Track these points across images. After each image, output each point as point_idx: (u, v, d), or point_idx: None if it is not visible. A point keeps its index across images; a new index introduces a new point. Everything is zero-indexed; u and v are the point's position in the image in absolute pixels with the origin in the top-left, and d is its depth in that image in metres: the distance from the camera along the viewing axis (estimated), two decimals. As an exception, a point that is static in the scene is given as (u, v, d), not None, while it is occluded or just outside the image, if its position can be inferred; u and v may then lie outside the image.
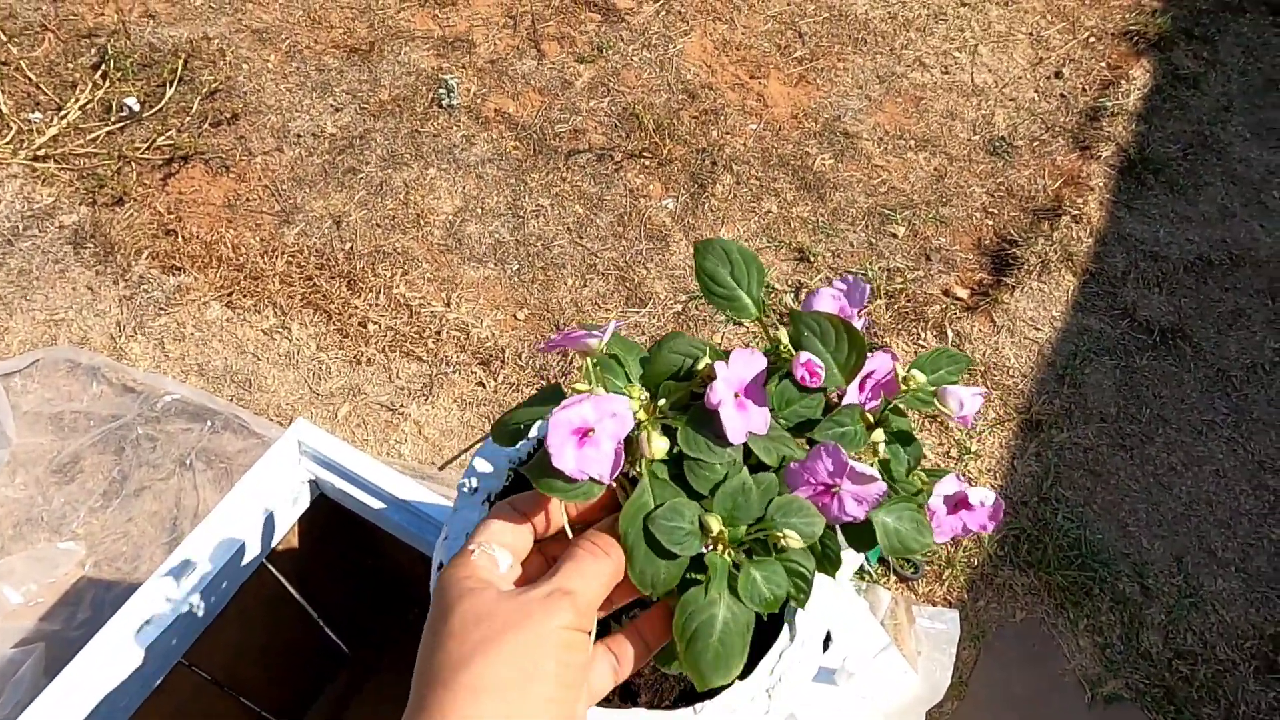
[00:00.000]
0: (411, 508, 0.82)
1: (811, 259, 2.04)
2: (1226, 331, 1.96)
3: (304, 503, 0.87)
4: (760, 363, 0.44)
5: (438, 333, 1.88)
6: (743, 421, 0.43)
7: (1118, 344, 1.93)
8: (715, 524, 0.42)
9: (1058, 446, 1.77)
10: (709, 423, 0.43)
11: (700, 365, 0.45)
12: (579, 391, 0.41)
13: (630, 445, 0.42)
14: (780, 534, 0.42)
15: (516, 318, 1.93)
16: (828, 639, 1.22)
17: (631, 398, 0.43)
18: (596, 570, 0.41)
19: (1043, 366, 1.89)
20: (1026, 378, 1.87)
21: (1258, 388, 1.88)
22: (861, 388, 0.49)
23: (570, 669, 0.38)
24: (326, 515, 0.91)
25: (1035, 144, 2.29)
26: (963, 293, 2.02)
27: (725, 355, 0.44)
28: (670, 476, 0.43)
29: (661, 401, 0.44)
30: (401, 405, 1.78)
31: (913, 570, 1.59)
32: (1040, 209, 2.16)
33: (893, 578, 1.60)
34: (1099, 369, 1.89)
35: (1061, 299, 1.99)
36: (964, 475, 0.49)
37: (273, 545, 0.86)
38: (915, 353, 1.88)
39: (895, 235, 2.10)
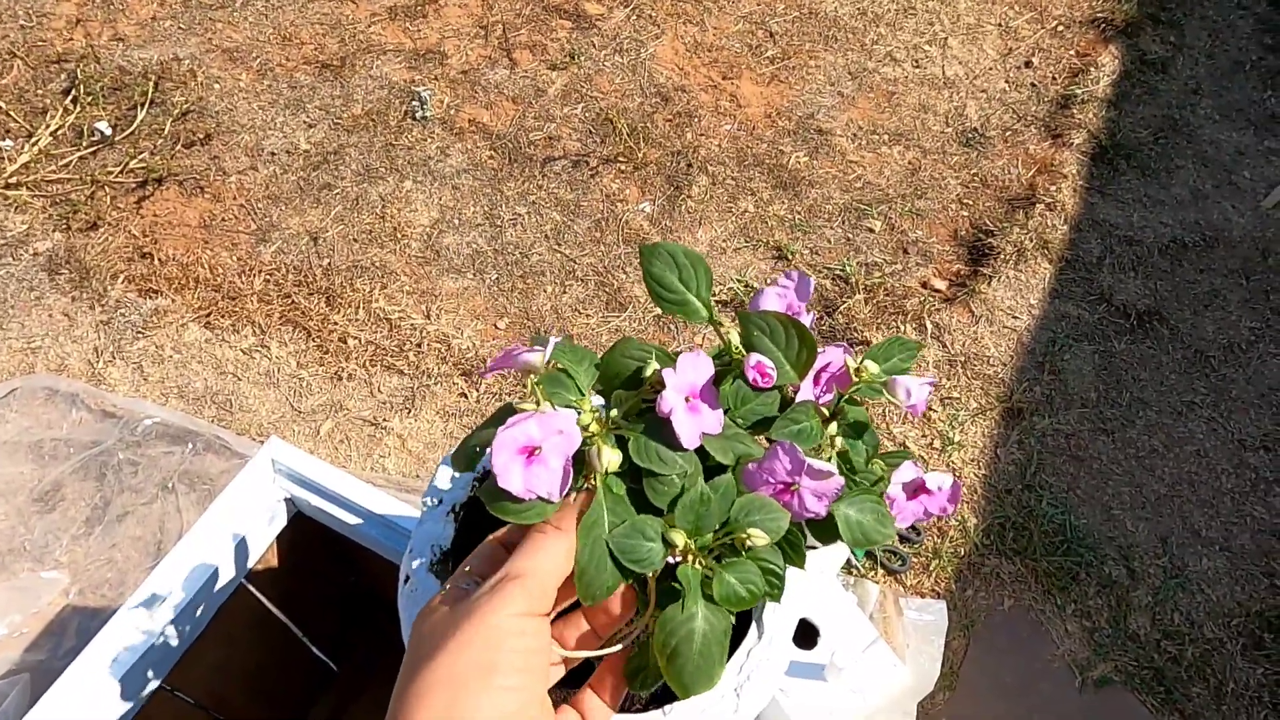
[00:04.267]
0: (388, 521, 0.82)
1: (789, 257, 2.05)
2: (1203, 312, 1.98)
3: (281, 521, 0.87)
4: (707, 364, 0.44)
5: (418, 345, 1.88)
6: (695, 425, 0.43)
7: (1096, 329, 1.94)
8: (680, 538, 0.42)
9: (1040, 433, 1.78)
10: (662, 430, 0.43)
11: (648, 371, 0.44)
12: (524, 409, 0.41)
13: (581, 460, 0.42)
14: (746, 535, 0.42)
15: (497, 327, 1.92)
16: (816, 634, 1.22)
17: (582, 411, 0.43)
18: (550, 550, 0.40)
19: (1022, 354, 1.90)
20: (1006, 366, 1.88)
21: (1235, 367, 1.89)
22: (816, 382, 0.49)
23: (526, 654, 0.37)
24: (305, 533, 0.90)
25: (1008, 134, 2.31)
26: (941, 284, 2.03)
27: (673, 358, 0.44)
28: (628, 490, 0.43)
29: (614, 412, 0.44)
30: (384, 419, 1.78)
31: (900, 563, 1.59)
32: (1015, 198, 2.18)
33: (880, 571, 1.60)
34: (1078, 355, 1.90)
35: (1039, 287, 2.00)
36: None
37: (251, 565, 0.86)
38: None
39: (872, 230, 2.11)
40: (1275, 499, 1.72)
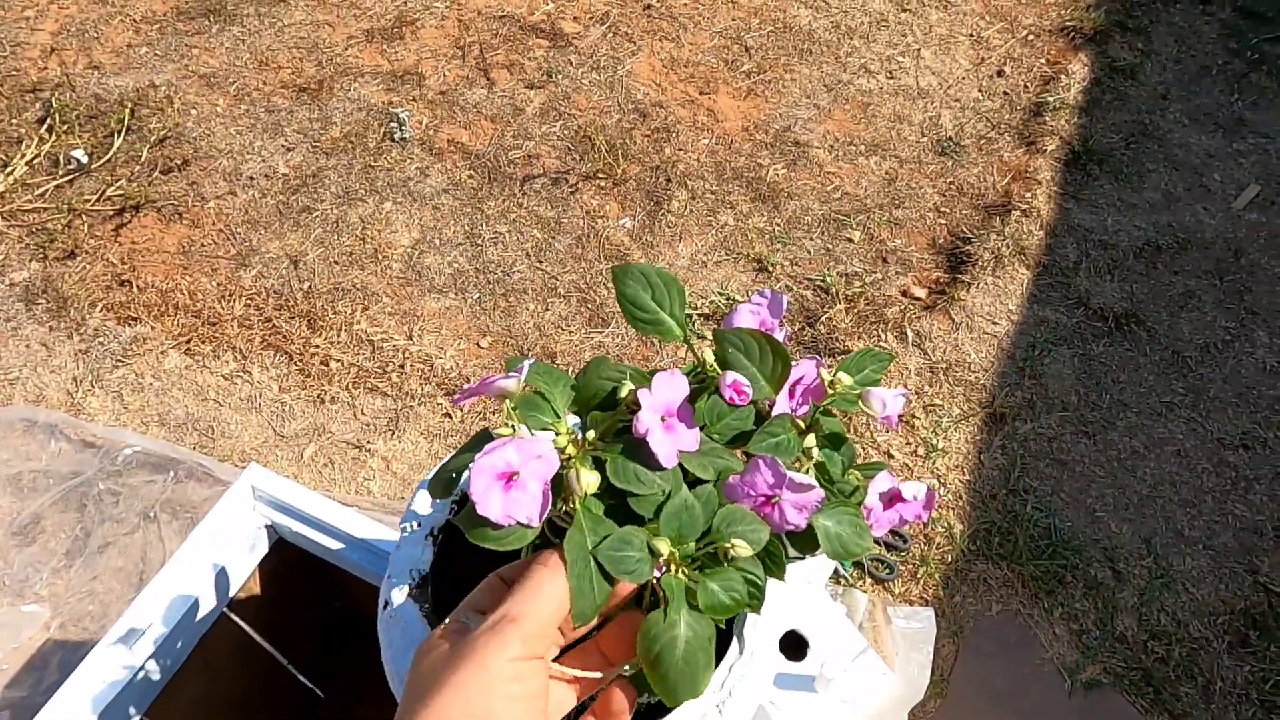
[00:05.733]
0: (369, 545, 0.81)
1: (770, 269, 2.06)
2: (1178, 314, 2.00)
3: (262, 548, 0.86)
4: (682, 383, 0.44)
5: (401, 366, 1.87)
6: (672, 444, 0.43)
7: (1074, 333, 1.96)
8: (665, 546, 0.42)
9: (1022, 438, 1.80)
10: (640, 450, 0.43)
11: (623, 392, 0.45)
12: (501, 434, 0.41)
13: (559, 483, 0.42)
14: (729, 545, 0.43)
15: (480, 346, 1.92)
16: (805, 645, 1.22)
17: (559, 433, 0.43)
18: (549, 591, 0.39)
19: (1003, 360, 1.91)
20: (987, 372, 1.90)
21: (1212, 367, 1.92)
22: (791, 395, 0.49)
23: (521, 700, 0.37)
24: (287, 559, 0.90)
25: (982, 142, 2.34)
26: (920, 292, 2.04)
27: (647, 378, 0.44)
28: (607, 509, 0.43)
29: (590, 433, 0.44)
30: (368, 442, 1.77)
31: (888, 571, 1.60)
32: (991, 205, 2.20)
33: (868, 580, 1.60)
34: (1058, 359, 1.92)
35: (1017, 292, 2.02)
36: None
37: (232, 594, 0.85)
38: (877, 355, 1.89)
39: (851, 240, 2.13)
40: (1255, 496, 1.73)
